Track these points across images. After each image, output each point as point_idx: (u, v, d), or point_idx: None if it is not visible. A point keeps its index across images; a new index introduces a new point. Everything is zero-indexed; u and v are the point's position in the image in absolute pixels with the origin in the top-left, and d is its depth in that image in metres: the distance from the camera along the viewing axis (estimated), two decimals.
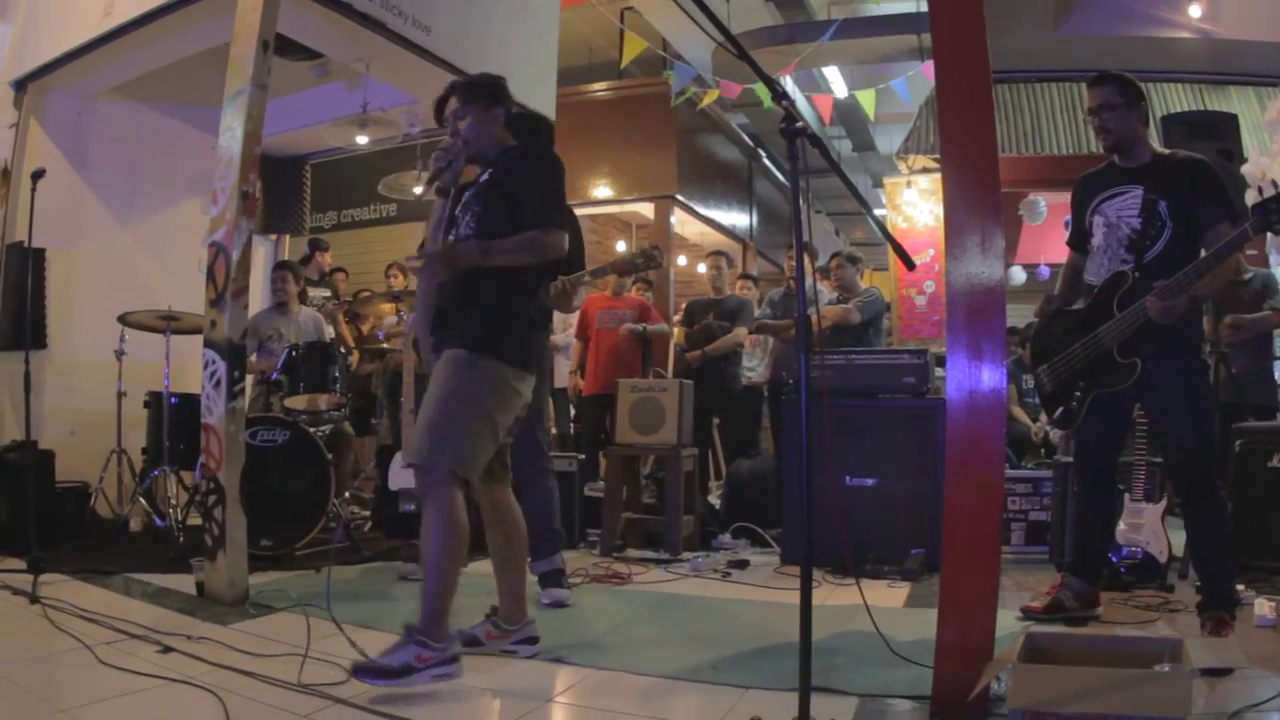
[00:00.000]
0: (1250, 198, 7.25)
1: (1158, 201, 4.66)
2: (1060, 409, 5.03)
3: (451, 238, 4.36)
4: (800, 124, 3.04)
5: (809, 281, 8.93)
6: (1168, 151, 5.00)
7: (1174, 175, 4.69)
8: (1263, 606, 4.76)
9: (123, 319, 7.42)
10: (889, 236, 3.66)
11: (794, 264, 8.89)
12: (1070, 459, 6.29)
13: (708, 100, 11.95)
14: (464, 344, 4.19)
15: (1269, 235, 7.99)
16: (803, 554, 3.10)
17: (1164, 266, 4.58)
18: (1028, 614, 5.04)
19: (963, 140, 3.68)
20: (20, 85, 8.16)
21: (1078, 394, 4.92)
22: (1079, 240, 5.15)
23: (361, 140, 9.03)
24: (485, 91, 4.64)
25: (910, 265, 3.57)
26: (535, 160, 4.48)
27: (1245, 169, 7.40)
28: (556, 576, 5.68)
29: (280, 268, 8.57)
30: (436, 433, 4.05)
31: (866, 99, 12.16)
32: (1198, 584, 4.76)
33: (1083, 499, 5.23)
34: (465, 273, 4.27)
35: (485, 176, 4.48)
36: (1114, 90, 4.82)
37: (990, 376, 3.48)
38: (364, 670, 3.76)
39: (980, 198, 3.60)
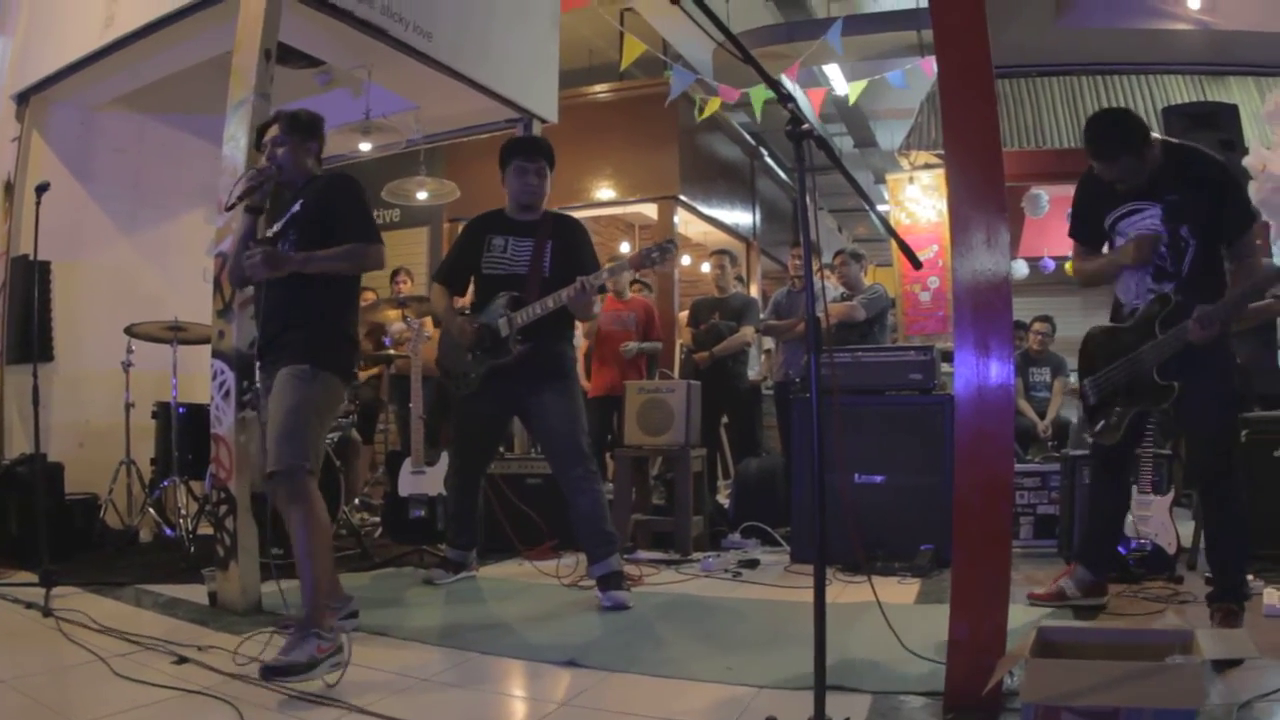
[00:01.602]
0: (1251, 189, 7.25)
1: (1179, 226, 4.61)
2: (1101, 422, 5.02)
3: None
4: (806, 126, 3.04)
5: (816, 279, 8.96)
6: (1173, 150, 4.82)
7: (1187, 188, 4.59)
8: (1272, 596, 4.77)
9: (129, 330, 7.43)
10: (896, 237, 3.68)
11: (797, 263, 8.96)
12: (1080, 453, 6.30)
13: (710, 110, 11.95)
14: (304, 359, 4.54)
15: (1274, 226, 8.01)
16: (816, 552, 3.10)
17: (1194, 282, 4.59)
18: (1034, 600, 5.12)
19: (966, 136, 3.68)
20: (22, 98, 8.15)
21: (1118, 409, 4.91)
22: (1090, 235, 5.08)
23: (365, 147, 9.03)
24: (305, 127, 5.05)
25: (917, 265, 3.58)
26: (340, 185, 4.89)
27: (1246, 161, 7.40)
28: (615, 579, 5.66)
29: None
30: (295, 439, 4.39)
31: (853, 90, 12.15)
32: (1207, 575, 4.76)
33: (1095, 489, 5.25)
34: (295, 295, 4.63)
35: (297, 207, 4.83)
36: (1130, 159, 4.64)
37: (998, 372, 3.48)
38: (276, 671, 3.85)
39: (985, 193, 3.60)
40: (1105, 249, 4.99)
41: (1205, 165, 4.65)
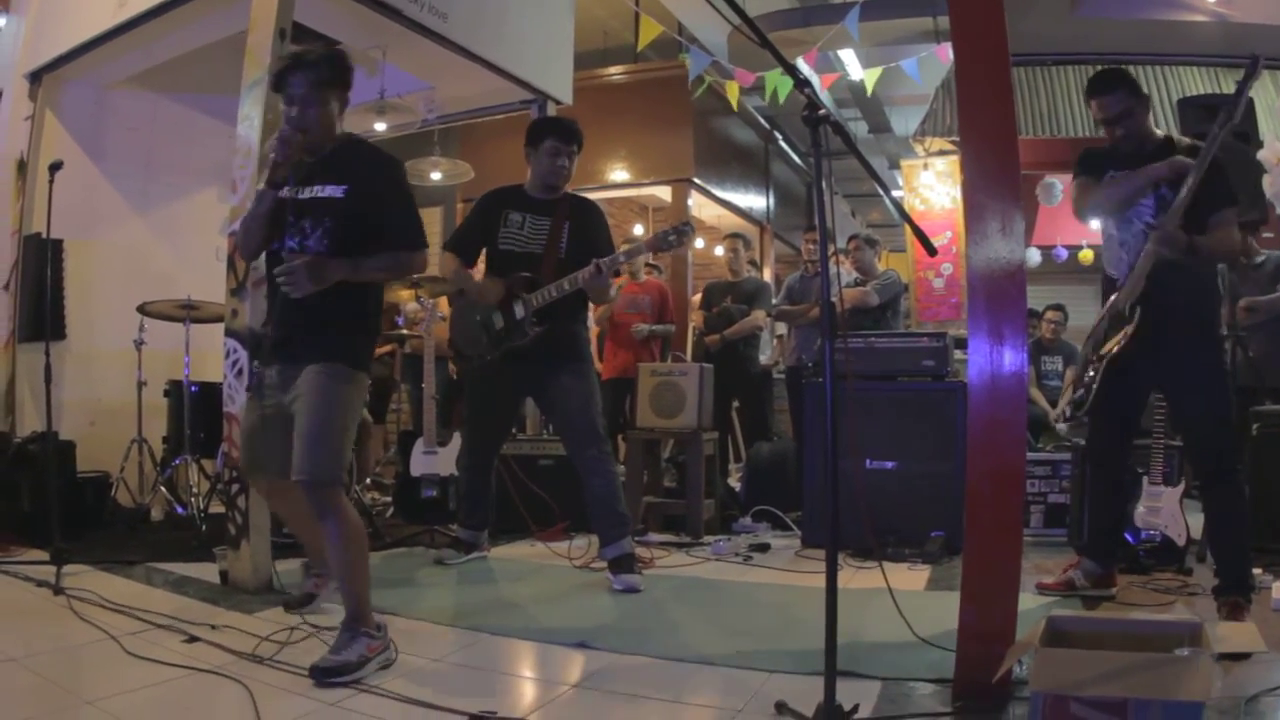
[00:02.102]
0: (1267, 183, 7.22)
1: (1167, 194, 4.65)
2: (1079, 390, 5.04)
3: (294, 245, 4.19)
4: (823, 111, 3.04)
5: (831, 264, 8.94)
6: (1183, 141, 4.95)
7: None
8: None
9: (142, 309, 7.44)
10: (912, 224, 3.67)
11: (811, 247, 8.95)
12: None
13: (733, 95, 11.92)
14: (341, 358, 4.21)
15: None
16: (828, 537, 3.11)
17: None
18: (1043, 590, 5.14)
19: (982, 124, 3.67)
20: (35, 77, 8.15)
21: (1090, 374, 4.93)
22: (1094, 175, 5.06)
23: (380, 127, 9.02)
24: (336, 74, 4.30)
25: (932, 251, 3.56)
26: (390, 174, 4.38)
27: (1261, 154, 7.37)
28: (627, 561, 5.69)
29: None
30: (331, 448, 4.10)
31: (870, 77, 12.10)
32: (1215, 567, 4.76)
33: (1093, 482, 5.26)
34: (329, 287, 4.17)
35: (339, 191, 4.22)
36: (1128, 95, 4.80)
37: (1011, 360, 3.48)
38: (328, 671, 3.73)
39: (1000, 181, 3.59)
40: None
41: (1194, 150, 4.70)
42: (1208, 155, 4.40)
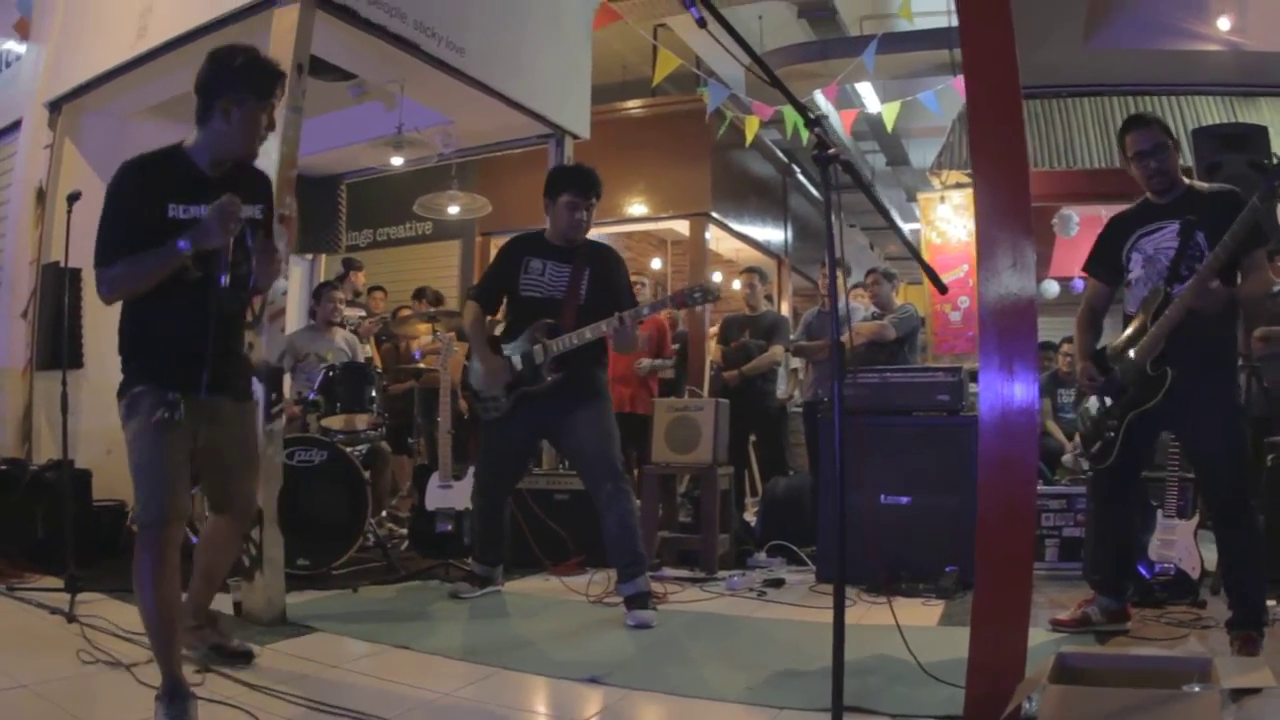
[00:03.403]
0: None
1: (1195, 231, 4.65)
2: (1098, 444, 5.02)
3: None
4: (833, 150, 3.05)
5: (843, 300, 8.96)
6: (1202, 185, 5.02)
7: (1210, 206, 4.69)
8: None
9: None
10: (922, 261, 3.67)
11: (829, 281, 8.98)
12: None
13: (750, 132, 11.95)
14: (249, 395, 4.38)
15: None
16: (836, 573, 3.10)
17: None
18: (1057, 626, 5.09)
19: (994, 157, 3.69)
20: (55, 106, 8.21)
21: (1113, 423, 4.91)
22: (1105, 270, 5.22)
23: (396, 161, 9.07)
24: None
25: (942, 289, 3.58)
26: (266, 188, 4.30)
27: None
28: (642, 599, 5.67)
29: (331, 287, 8.65)
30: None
31: (889, 112, 12.14)
32: (1229, 601, 4.74)
33: (1099, 517, 5.26)
34: (240, 318, 4.27)
35: (257, 212, 4.12)
36: (1161, 131, 4.84)
37: (1022, 395, 3.48)
38: None
39: (1012, 216, 3.60)
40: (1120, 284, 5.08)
41: (1225, 193, 4.75)
42: (1243, 228, 4.38)
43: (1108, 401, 5.01)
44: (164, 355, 3.94)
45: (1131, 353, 4.79)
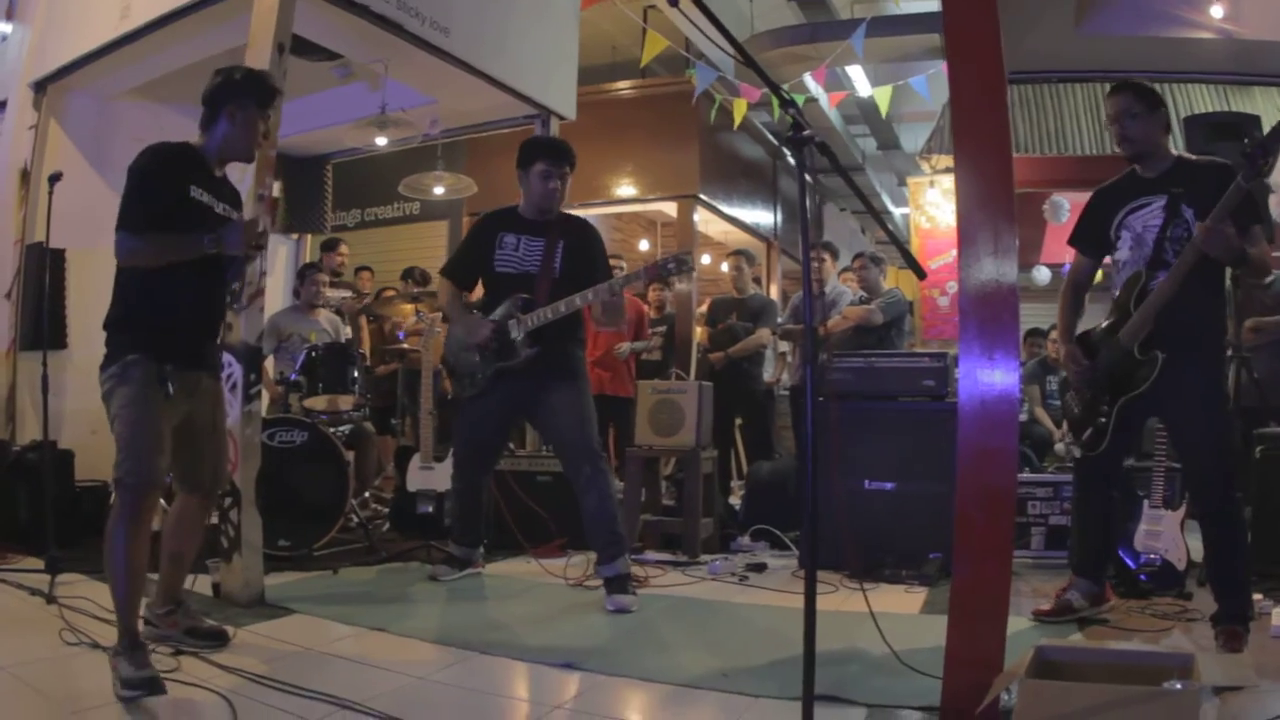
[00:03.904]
0: (1274, 203, 7.18)
1: (1183, 207, 4.60)
2: (1089, 430, 4.99)
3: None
4: (807, 132, 3.02)
5: (832, 283, 8.95)
6: (1191, 156, 4.95)
7: (1199, 180, 4.59)
8: None
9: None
10: (899, 244, 3.63)
11: (815, 265, 8.93)
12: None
13: (739, 114, 11.92)
14: (219, 368, 4.68)
15: None
16: (807, 560, 3.09)
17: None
18: (1039, 617, 5.06)
19: (976, 141, 3.64)
20: (40, 87, 8.19)
21: (1104, 408, 4.88)
22: (1090, 244, 5.15)
23: (381, 141, 9.03)
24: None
25: (920, 274, 3.55)
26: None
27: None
28: (622, 582, 5.65)
29: (315, 269, 8.64)
30: None
31: (882, 97, 12.11)
32: (1214, 594, 4.72)
33: (1082, 499, 5.23)
34: (222, 298, 4.61)
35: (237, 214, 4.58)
36: (1132, 97, 4.76)
37: (1002, 383, 3.45)
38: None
39: (993, 202, 3.56)
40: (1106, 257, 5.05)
41: (1214, 166, 4.66)
42: (1231, 201, 4.32)
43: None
44: (162, 329, 4.20)
45: (1119, 335, 4.77)
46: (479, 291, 6.26)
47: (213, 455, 4.48)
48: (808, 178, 3.01)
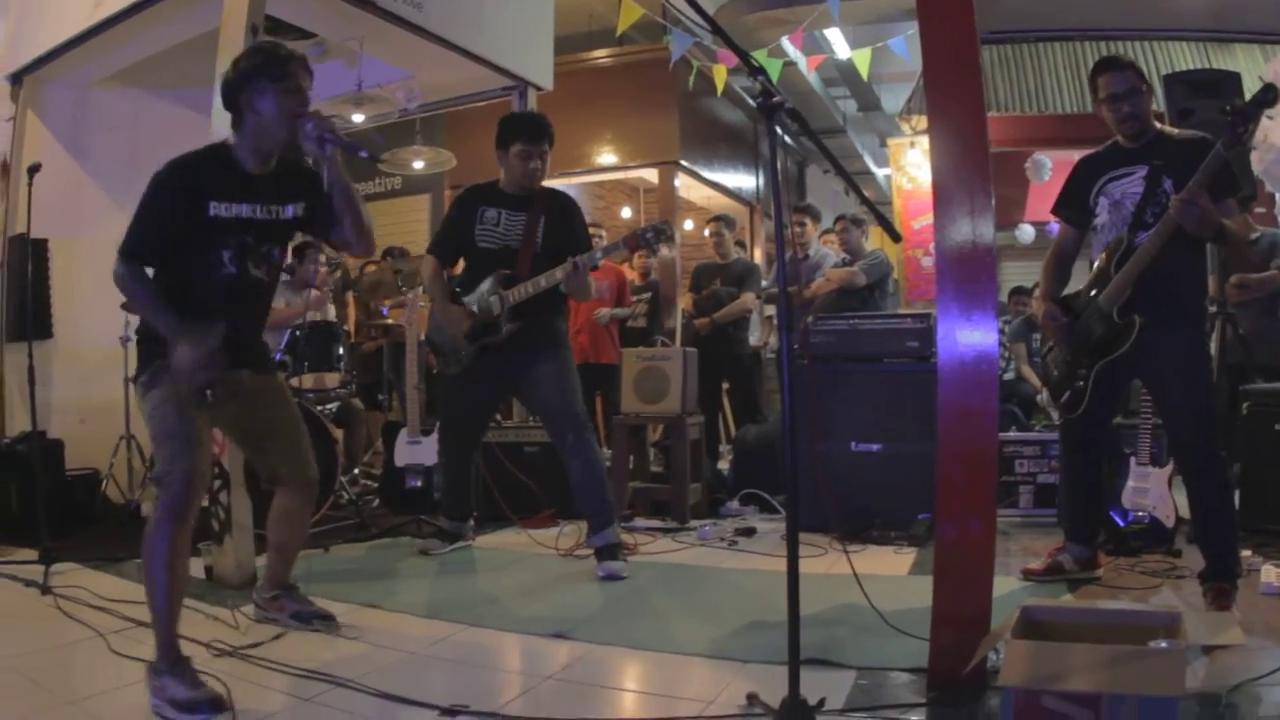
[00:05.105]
0: (1255, 160, 7.20)
1: (1163, 178, 4.59)
2: (1067, 393, 5.00)
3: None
4: (777, 99, 3.02)
5: (815, 246, 8.93)
6: (1172, 130, 4.95)
7: (1180, 152, 4.59)
8: (1269, 574, 4.72)
9: (126, 306, 7.43)
10: (874, 210, 3.68)
11: (799, 229, 8.95)
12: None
13: (720, 79, 11.90)
14: (269, 365, 4.53)
15: (1278, 196, 7.96)
16: (788, 522, 3.10)
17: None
18: (1028, 575, 5.09)
19: (950, 100, 3.64)
20: (16, 79, 8.17)
21: (1082, 370, 4.89)
22: (1073, 213, 5.13)
23: (358, 119, 9.00)
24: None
25: (895, 237, 3.56)
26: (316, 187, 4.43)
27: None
28: (612, 550, 5.67)
29: (315, 248, 8.60)
30: None
31: (861, 60, 12.07)
32: (1202, 552, 4.74)
33: (1069, 464, 5.23)
34: (269, 298, 4.41)
35: (299, 210, 4.35)
36: (1136, 75, 4.74)
37: (981, 343, 3.46)
38: None
39: (968, 163, 3.56)
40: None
41: (1197, 139, 4.63)
42: (1206, 175, 4.32)
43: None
44: None
45: (1097, 295, 4.78)
46: (461, 267, 6.27)
47: (281, 450, 4.34)
48: (789, 140, 3.02)
